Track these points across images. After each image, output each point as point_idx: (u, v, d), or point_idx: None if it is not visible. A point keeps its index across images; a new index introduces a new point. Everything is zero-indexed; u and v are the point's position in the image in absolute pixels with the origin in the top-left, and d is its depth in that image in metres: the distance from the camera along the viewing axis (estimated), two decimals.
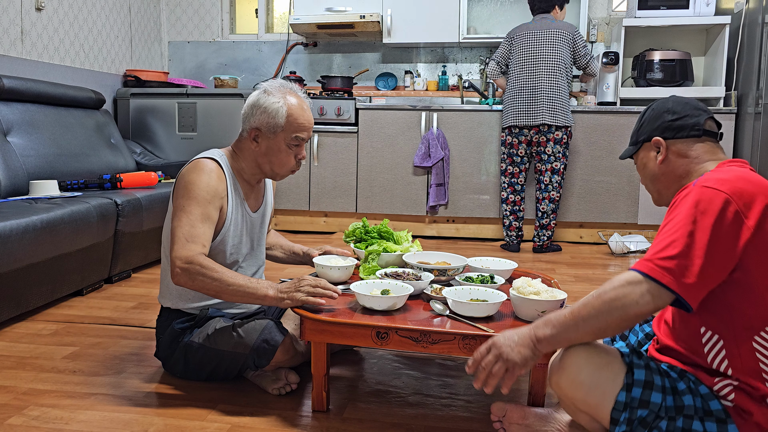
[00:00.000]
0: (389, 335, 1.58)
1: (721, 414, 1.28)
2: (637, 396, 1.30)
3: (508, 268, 2.04)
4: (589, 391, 1.34)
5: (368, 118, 4.50)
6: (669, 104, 1.52)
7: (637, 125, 1.56)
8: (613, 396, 1.31)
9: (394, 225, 4.43)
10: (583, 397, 1.35)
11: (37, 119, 3.36)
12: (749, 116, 3.99)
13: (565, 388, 1.37)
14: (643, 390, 1.30)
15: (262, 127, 1.84)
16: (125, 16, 4.74)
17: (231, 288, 1.69)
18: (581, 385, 1.34)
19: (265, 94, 1.86)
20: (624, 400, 1.30)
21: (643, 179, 1.57)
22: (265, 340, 1.75)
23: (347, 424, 1.66)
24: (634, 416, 1.29)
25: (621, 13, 4.80)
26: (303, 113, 1.86)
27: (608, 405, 1.32)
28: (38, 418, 1.67)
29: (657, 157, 1.51)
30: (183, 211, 1.75)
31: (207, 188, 1.78)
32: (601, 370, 1.33)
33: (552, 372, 1.41)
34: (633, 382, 1.31)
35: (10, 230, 2.26)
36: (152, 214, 3.22)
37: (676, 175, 1.49)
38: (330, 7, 4.70)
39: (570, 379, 1.35)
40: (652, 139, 1.51)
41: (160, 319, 1.95)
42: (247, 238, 1.97)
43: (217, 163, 1.85)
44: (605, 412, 1.32)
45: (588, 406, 1.36)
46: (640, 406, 1.30)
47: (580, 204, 4.35)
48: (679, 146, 1.49)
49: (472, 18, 4.94)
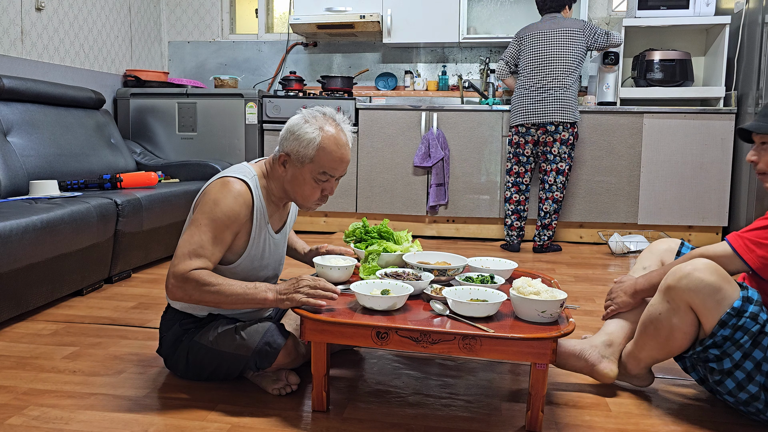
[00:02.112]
0: (389, 335, 1.58)
1: None
2: (749, 309, 1.55)
3: (508, 268, 2.04)
4: (712, 293, 1.56)
5: (368, 118, 4.50)
6: None
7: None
8: (730, 303, 1.55)
9: (394, 225, 4.43)
10: (703, 298, 1.57)
11: (37, 119, 3.36)
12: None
13: (689, 285, 1.58)
14: (754, 306, 1.55)
15: (292, 153, 1.77)
16: (125, 16, 4.74)
17: (230, 299, 1.69)
18: (708, 286, 1.56)
19: (303, 120, 1.77)
20: (739, 306, 1.55)
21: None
22: (267, 342, 1.74)
23: (347, 424, 1.66)
24: (742, 324, 1.54)
25: (621, 13, 4.80)
26: (337, 149, 1.75)
27: (722, 309, 1.55)
28: (38, 418, 1.67)
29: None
30: (197, 227, 1.71)
31: (229, 212, 1.72)
32: (726, 282, 1.57)
33: (681, 273, 1.60)
34: (748, 297, 1.56)
35: (10, 230, 2.26)
36: (152, 214, 3.22)
37: None
38: (330, 7, 4.70)
39: (699, 279, 1.57)
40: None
41: (166, 316, 1.93)
42: (269, 259, 1.92)
43: (247, 186, 1.78)
44: (717, 314, 1.56)
45: (703, 307, 1.58)
46: (751, 317, 1.54)
47: (581, 204, 4.35)
48: None
49: (472, 18, 4.94)
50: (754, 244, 1.60)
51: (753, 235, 1.61)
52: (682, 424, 1.70)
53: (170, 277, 1.69)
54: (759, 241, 1.60)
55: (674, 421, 1.71)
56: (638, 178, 4.28)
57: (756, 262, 1.60)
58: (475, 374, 2.01)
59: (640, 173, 4.27)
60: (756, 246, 1.60)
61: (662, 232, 4.34)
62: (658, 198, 4.28)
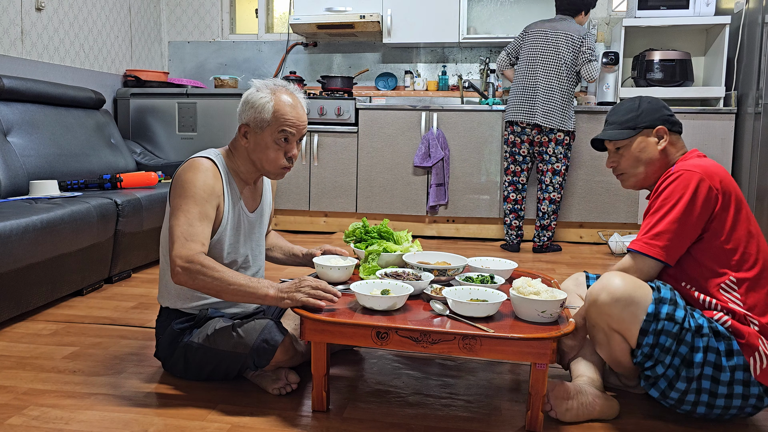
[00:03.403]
0: (389, 335, 1.58)
1: (726, 334, 1.58)
2: (663, 310, 1.57)
3: (508, 268, 2.04)
4: (625, 306, 1.58)
5: (368, 118, 4.50)
6: (659, 102, 1.83)
7: (631, 114, 1.80)
8: (645, 310, 1.57)
9: (394, 225, 4.43)
10: (619, 313, 1.59)
11: (37, 119, 3.36)
12: (749, 116, 3.99)
13: (605, 307, 1.60)
14: (668, 306, 1.57)
15: (251, 122, 1.84)
16: (125, 16, 4.74)
17: (232, 287, 1.69)
18: (618, 300, 1.58)
19: (255, 90, 1.86)
20: (653, 311, 1.57)
21: (633, 162, 1.81)
22: (264, 340, 1.75)
23: (347, 424, 1.66)
24: (661, 328, 1.56)
25: (621, 13, 4.80)
26: (291, 109, 1.83)
27: (640, 317, 1.57)
28: (38, 418, 1.67)
29: (659, 143, 1.78)
30: (180, 210, 1.75)
31: (204, 187, 1.77)
32: (635, 290, 1.59)
33: (591, 295, 1.64)
34: (661, 298, 1.58)
35: (10, 230, 2.26)
36: (152, 214, 3.22)
37: (665, 161, 1.79)
38: (330, 7, 4.70)
39: (610, 295, 1.59)
40: (656, 127, 1.78)
41: (160, 319, 1.95)
42: (245, 239, 1.96)
43: (213, 162, 1.85)
44: (636, 325, 1.58)
45: (621, 322, 1.60)
46: (667, 319, 1.56)
47: (581, 204, 4.35)
48: (673, 138, 1.81)
49: (472, 18, 4.94)
50: (652, 239, 1.66)
51: (646, 233, 1.68)
52: (683, 423, 1.70)
53: (175, 260, 1.69)
54: (653, 233, 1.66)
55: (675, 421, 1.71)
56: None
57: (661, 254, 1.65)
58: (475, 374, 2.01)
59: None
60: (654, 238, 1.66)
61: None
62: None
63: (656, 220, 1.67)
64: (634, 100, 1.83)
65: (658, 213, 1.68)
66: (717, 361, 1.57)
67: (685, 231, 1.64)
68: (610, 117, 1.86)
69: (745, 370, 1.57)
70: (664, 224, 1.65)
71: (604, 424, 1.69)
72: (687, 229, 1.64)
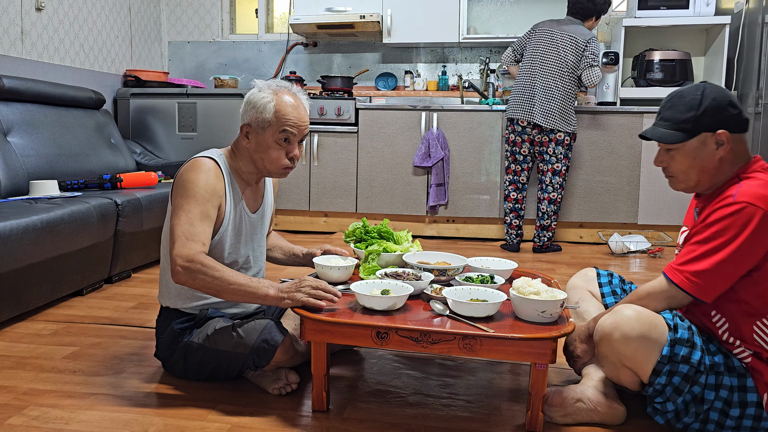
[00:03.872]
0: (389, 335, 1.58)
1: (741, 370, 1.50)
2: (680, 353, 1.48)
3: (508, 268, 2.04)
4: (639, 346, 1.50)
5: (368, 118, 4.50)
6: (728, 96, 1.58)
7: (692, 113, 1.54)
8: (659, 351, 1.49)
9: (394, 225, 4.43)
10: (633, 353, 1.51)
11: (37, 119, 3.36)
12: (749, 116, 3.99)
13: (617, 345, 1.52)
14: (684, 347, 1.49)
15: (252, 122, 1.84)
16: (125, 16, 4.74)
17: (232, 287, 1.69)
18: (633, 341, 1.50)
19: (257, 90, 1.86)
20: (668, 354, 1.48)
21: (685, 167, 1.59)
22: (264, 340, 1.74)
23: (347, 424, 1.66)
24: (675, 369, 1.48)
25: (621, 13, 4.80)
26: (293, 110, 1.83)
27: (654, 358, 1.49)
28: (38, 418, 1.67)
29: (718, 150, 1.55)
30: (182, 210, 1.75)
31: (205, 187, 1.77)
32: (650, 329, 1.50)
33: (603, 331, 1.55)
34: (677, 339, 1.49)
35: (10, 230, 2.26)
36: (152, 214, 3.22)
37: (724, 168, 1.57)
38: (330, 7, 4.70)
39: (623, 336, 1.51)
40: (717, 131, 1.54)
41: (160, 319, 1.95)
42: (246, 239, 1.96)
43: (215, 162, 1.84)
44: (649, 366, 1.50)
45: (635, 361, 1.52)
46: (682, 362, 1.48)
47: (581, 204, 4.35)
48: (736, 142, 1.56)
49: (472, 18, 4.94)
50: (694, 276, 1.50)
51: (687, 264, 1.52)
52: None
53: (176, 260, 1.69)
54: (696, 269, 1.50)
55: None
56: (638, 178, 4.28)
57: (700, 293, 1.50)
58: (475, 374, 2.01)
59: (640, 173, 4.27)
60: (696, 276, 1.50)
61: (662, 232, 4.34)
62: (658, 198, 4.28)
63: (702, 254, 1.50)
64: (696, 93, 1.56)
65: (706, 246, 1.49)
66: (729, 398, 1.50)
67: (733, 273, 1.48)
68: (666, 111, 1.61)
69: (758, 406, 1.49)
70: (711, 264, 1.48)
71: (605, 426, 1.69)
72: (736, 271, 1.48)
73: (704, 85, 1.57)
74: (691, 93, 1.56)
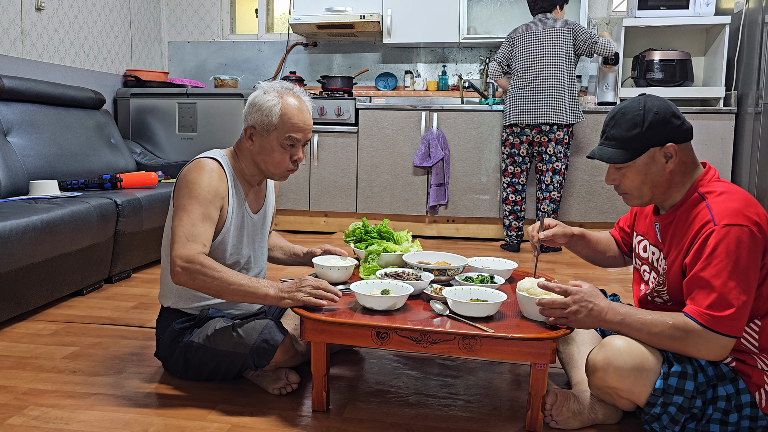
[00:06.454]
0: (389, 335, 1.58)
1: (731, 374, 1.50)
2: (673, 384, 1.48)
3: (508, 268, 2.04)
4: (635, 381, 1.51)
5: (368, 118, 4.50)
6: (670, 107, 1.55)
7: (636, 130, 1.53)
8: (653, 381, 1.50)
9: (394, 225, 4.43)
10: (629, 387, 1.52)
11: (37, 119, 3.36)
12: (749, 116, 3.99)
13: (612, 381, 1.53)
14: (678, 379, 1.49)
15: (257, 125, 1.83)
16: (125, 16, 4.74)
17: (232, 287, 1.69)
18: (627, 377, 1.51)
19: (262, 93, 1.85)
20: (661, 387, 1.49)
21: (637, 183, 1.57)
22: (264, 340, 1.74)
23: (347, 424, 1.66)
24: (669, 401, 1.49)
25: (621, 13, 4.80)
26: (298, 114, 1.83)
27: (648, 390, 1.50)
28: (38, 418, 1.67)
29: (667, 163, 1.54)
30: (184, 210, 1.74)
31: (208, 188, 1.77)
32: (643, 362, 1.50)
33: (595, 368, 1.55)
34: (670, 372, 1.49)
35: (10, 230, 2.26)
36: (152, 214, 3.22)
37: (675, 180, 1.57)
38: (330, 7, 4.70)
39: (617, 373, 1.51)
40: (665, 144, 1.53)
41: (160, 319, 1.95)
42: (248, 240, 1.96)
43: (218, 162, 1.84)
44: (644, 394, 1.51)
45: (631, 394, 1.54)
46: (676, 393, 1.48)
47: (581, 204, 4.35)
48: (684, 152, 1.56)
49: (472, 18, 4.94)
50: (730, 319, 1.42)
51: (713, 306, 1.43)
52: None
53: (176, 260, 1.69)
54: (727, 314, 1.42)
55: None
56: None
57: (734, 330, 1.44)
58: (475, 374, 2.01)
59: None
60: (731, 320, 1.43)
61: None
62: None
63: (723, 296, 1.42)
64: (638, 109, 1.54)
65: (719, 279, 1.42)
66: (727, 407, 1.50)
67: (753, 295, 1.45)
68: (612, 129, 1.58)
69: (753, 406, 1.50)
70: (736, 297, 1.42)
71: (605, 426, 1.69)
72: (754, 292, 1.45)
73: (644, 98, 1.56)
74: (634, 109, 1.55)
